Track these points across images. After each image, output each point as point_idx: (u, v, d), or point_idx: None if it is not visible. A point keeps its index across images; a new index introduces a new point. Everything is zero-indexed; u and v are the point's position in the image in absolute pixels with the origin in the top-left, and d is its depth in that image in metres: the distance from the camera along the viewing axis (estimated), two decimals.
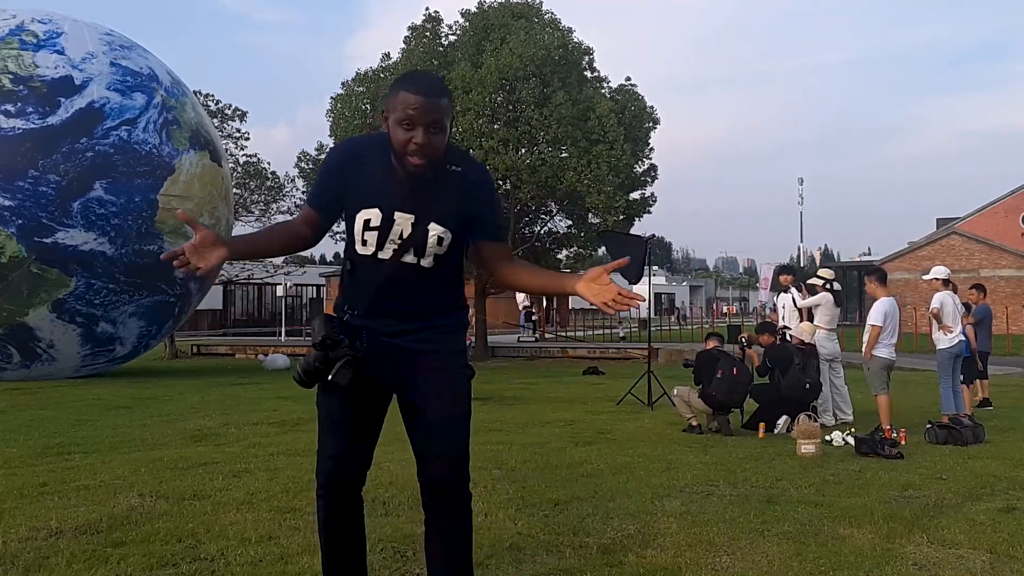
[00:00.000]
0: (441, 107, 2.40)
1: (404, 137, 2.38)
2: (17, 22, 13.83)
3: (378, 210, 2.52)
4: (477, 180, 2.62)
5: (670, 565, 3.86)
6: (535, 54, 19.12)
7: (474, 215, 2.61)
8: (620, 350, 21.73)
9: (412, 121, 2.36)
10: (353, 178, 2.53)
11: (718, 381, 8.13)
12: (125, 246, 13.40)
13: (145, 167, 13.65)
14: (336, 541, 2.76)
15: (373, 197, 2.52)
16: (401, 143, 2.39)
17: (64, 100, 13.16)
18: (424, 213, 2.53)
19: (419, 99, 2.36)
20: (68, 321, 13.46)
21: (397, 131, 2.39)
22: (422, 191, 2.49)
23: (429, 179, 2.48)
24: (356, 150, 2.61)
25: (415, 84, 2.40)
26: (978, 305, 11.02)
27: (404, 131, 2.38)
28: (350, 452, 2.71)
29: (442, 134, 2.42)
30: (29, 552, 3.96)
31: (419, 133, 2.37)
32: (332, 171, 2.59)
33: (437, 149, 2.43)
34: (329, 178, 2.59)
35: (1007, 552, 4.14)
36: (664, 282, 79.92)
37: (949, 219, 43.08)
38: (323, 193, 2.63)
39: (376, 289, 2.60)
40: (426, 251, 2.58)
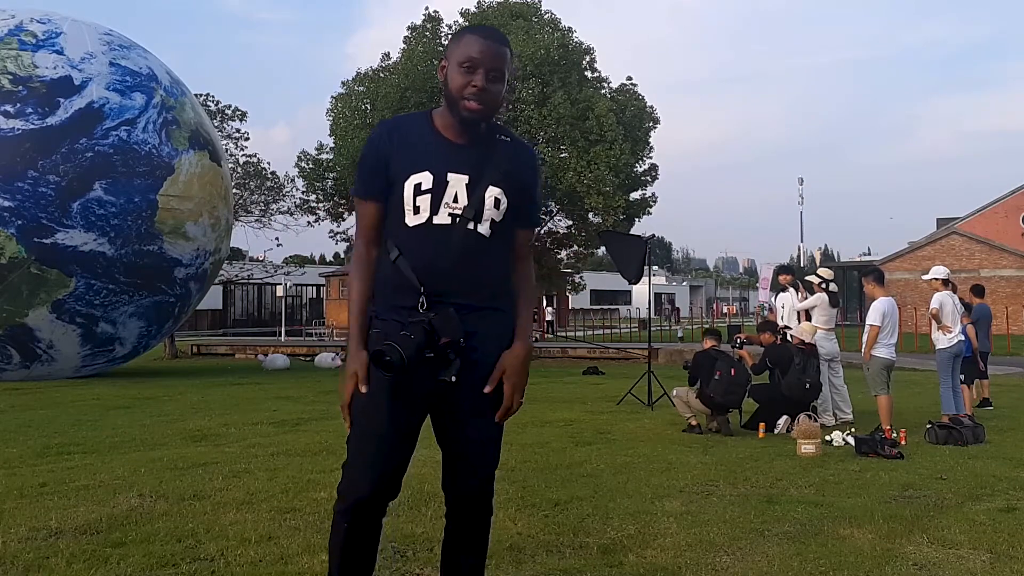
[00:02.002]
0: (504, 55, 2.37)
1: (463, 80, 2.31)
2: (16, 22, 13.83)
3: (428, 172, 2.36)
4: (527, 153, 2.53)
5: (670, 565, 3.86)
6: (534, 54, 19.15)
7: (522, 189, 2.47)
8: (620, 350, 21.72)
9: (473, 64, 2.31)
10: (397, 147, 2.40)
11: (715, 382, 8.11)
12: (125, 246, 13.40)
13: (145, 167, 13.65)
14: (351, 566, 2.47)
15: (421, 161, 2.38)
16: (459, 87, 2.32)
17: (63, 100, 13.16)
18: (479, 173, 2.38)
19: (483, 43, 2.33)
20: (68, 321, 13.46)
21: (456, 75, 2.32)
22: (474, 152, 2.39)
23: (480, 142, 2.40)
24: (395, 122, 2.49)
25: (480, 31, 2.40)
26: (976, 305, 11.02)
27: (464, 74, 2.31)
28: (389, 472, 2.44)
29: (500, 84, 2.36)
30: (29, 552, 3.96)
31: (479, 76, 2.31)
32: (376, 149, 2.43)
33: (495, 97, 2.35)
34: (377, 160, 2.42)
35: (1007, 552, 4.13)
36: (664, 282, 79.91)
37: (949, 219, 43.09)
38: (375, 178, 2.42)
39: (435, 263, 2.35)
40: (484, 215, 2.38)
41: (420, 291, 2.34)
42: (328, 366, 18.60)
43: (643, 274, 11.94)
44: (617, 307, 54.64)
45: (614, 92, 21.91)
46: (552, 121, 19.08)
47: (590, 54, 21.51)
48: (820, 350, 8.90)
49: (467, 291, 2.38)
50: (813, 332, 8.87)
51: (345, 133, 19.98)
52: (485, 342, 2.38)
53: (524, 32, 19.69)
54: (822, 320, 9.26)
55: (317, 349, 22.90)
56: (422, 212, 2.36)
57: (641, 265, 11.83)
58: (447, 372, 2.29)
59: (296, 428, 8.41)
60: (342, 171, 20.76)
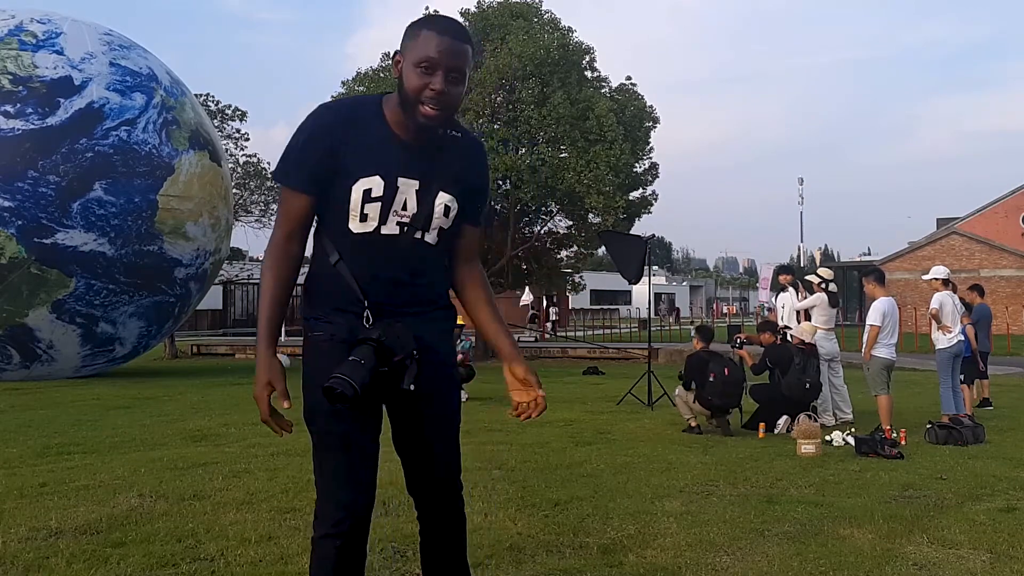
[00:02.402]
0: (465, 54, 2.15)
1: (420, 82, 2.10)
2: (16, 22, 13.83)
3: (379, 177, 2.18)
4: (476, 150, 2.38)
5: (670, 565, 3.86)
6: (534, 54, 19.13)
7: (471, 189, 2.35)
8: (620, 350, 21.73)
9: (432, 65, 2.09)
10: (348, 145, 2.18)
11: (711, 385, 8.09)
12: (125, 247, 13.40)
13: (145, 167, 13.65)
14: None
15: (373, 163, 2.18)
16: (415, 88, 2.11)
17: (64, 100, 13.16)
18: (429, 179, 2.23)
19: (443, 40, 2.11)
20: (68, 322, 13.46)
21: (412, 75, 2.11)
22: (425, 154, 2.22)
23: (431, 141, 2.22)
24: (344, 111, 2.23)
25: (439, 25, 2.15)
26: (976, 305, 11.02)
27: (421, 75, 2.10)
28: (371, 482, 2.32)
29: (461, 85, 2.16)
30: (29, 552, 3.96)
31: (438, 79, 2.10)
32: (322, 139, 2.18)
33: (454, 100, 2.16)
34: (322, 151, 2.17)
35: (1007, 552, 4.13)
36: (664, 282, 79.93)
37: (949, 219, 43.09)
38: (316, 170, 2.18)
39: (379, 274, 2.25)
40: (432, 223, 2.27)
41: (364, 303, 2.24)
42: None
43: (643, 274, 11.95)
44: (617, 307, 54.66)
45: (614, 92, 21.90)
46: (552, 121, 19.07)
47: (590, 54, 21.50)
48: (820, 350, 8.90)
49: (410, 300, 2.31)
50: (813, 332, 8.88)
51: None
52: (432, 345, 2.31)
53: (524, 32, 19.67)
54: (822, 320, 9.26)
55: None
56: (370, 221, 2.22)
57: (641, 265, 11.83)
58: (406, 381, 2.20)
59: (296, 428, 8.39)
60: None
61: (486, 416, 9.45)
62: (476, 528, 4.43)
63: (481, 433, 8.08)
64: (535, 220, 22.47)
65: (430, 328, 2.33)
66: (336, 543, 2.24)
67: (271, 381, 2.18)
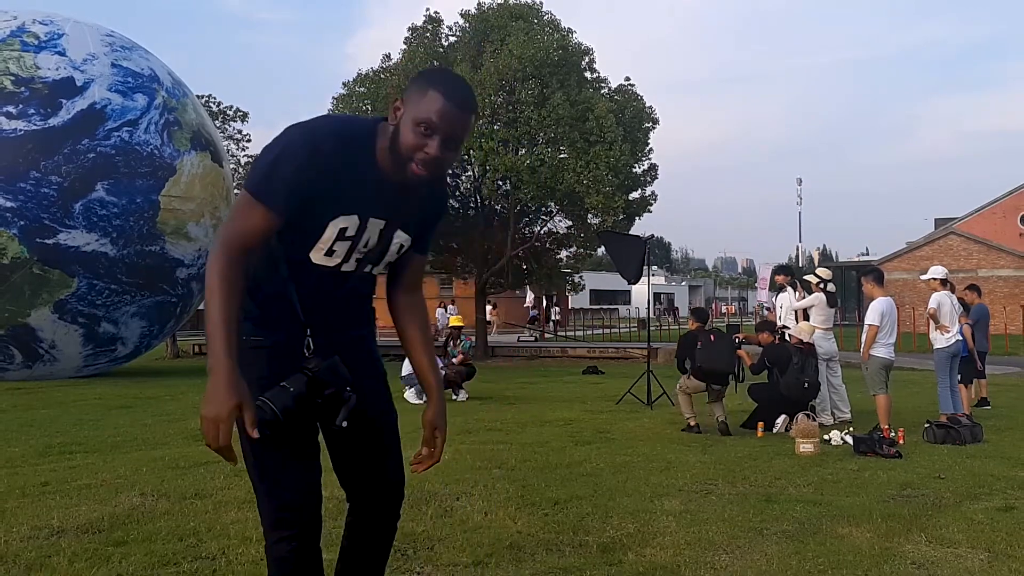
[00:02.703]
0: (468, 125, 2.13)
1: (416, 142, 2.07)
2: (18, 23, 13.85)
3: (356, 216, 2.17)
4: (440, 187, 2.39)
5: (669, 564, 3.89)
6: (534, 55, 19.15)
7: (428, 225, 2.38)
8: (620, 350, 21.76)
9: (431, 129, 2.06)
10: (336, 181, 2.12)
11: (699, 351, 8.22)
12: (127, 247, 13.43)
13: (146, 168, 13.68)
14: None
15: (355, 203, 2.15)
16: (410, 147, 2.08)
17: (66, 101, 13.19)
18: (393, 218, 2.23)
19: (449, 107, 2.06)
20: (70, 322, 13.49)
21: (410, 131, 2.07)
22: (398, 193, 2.20)
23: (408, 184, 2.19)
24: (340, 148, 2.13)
25: (450, 89, 2.09)
26: (974, 305, 11.04)
27: (419, 135, 2.06)
28: (317, 482, 2.29)
29: (456, 152, 2.14)
30: (31, 551, 3.99)
31: (435, 144, 2.07)
32: (309, 168, 2.09)
33: (446, 165, 2.16)
34: (302, 180, 2.08)
35: (1005, 551, 4.16)
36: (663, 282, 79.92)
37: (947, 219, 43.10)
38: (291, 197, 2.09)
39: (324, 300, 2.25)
40: (384, 259, 2.31)
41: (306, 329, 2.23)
42: None
43: (642, 274, 11.97)
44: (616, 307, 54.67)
45: (613, 93, 21.94)
46: (552, 122, 19.10)
47: (589, 55, 21.54)
48: (818, 350, 8.92)
49: (344, 324, 2.33)
50: (811, 331, 8.90)
51: None
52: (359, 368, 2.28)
53: (524, 33, 19.70)
54: (820, 320, 9.28)
55: None
56: (335, 257, 2.21)
57: (640, 265, 11.86)
58: (339, 418, 2.16)
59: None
60: None
61: (486, 415, 9.48)
62: (476, 527, 4.45)
63: (481, 432, 8.10)
64: (535, 220, 22.50)
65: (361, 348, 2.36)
66: (292, 545, 2.20)
67: (241, 404, 1.97)
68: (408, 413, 10.98)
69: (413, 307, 2.46)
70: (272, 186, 2.09)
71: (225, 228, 2.13)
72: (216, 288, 2.04)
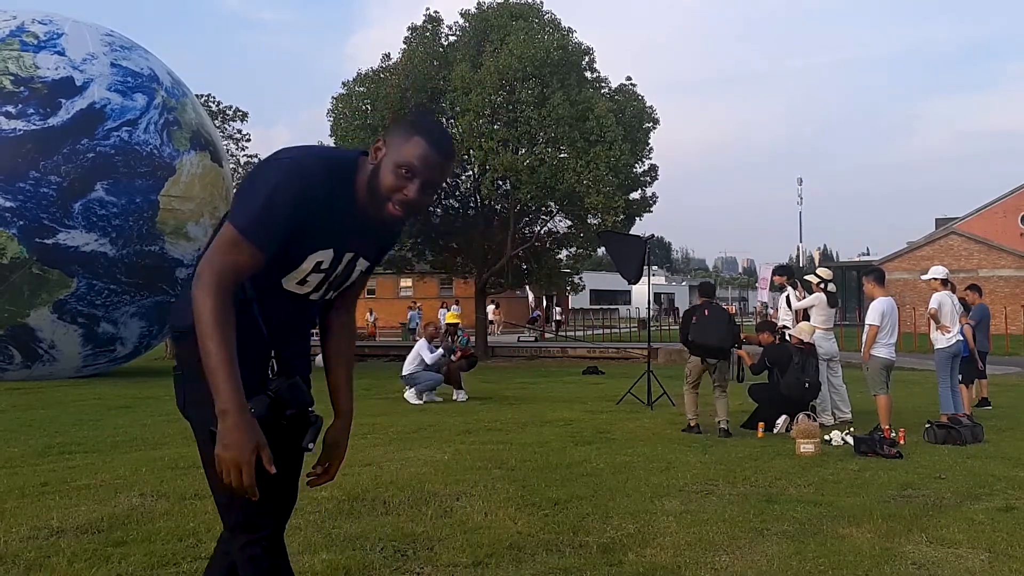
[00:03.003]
0: (447, 172, 2.21)
1: (396, 184, 2.12)
2: (18, 23, 13.85)
3: (332, 250, 2.22)
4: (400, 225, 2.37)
5: (669, 564, 3.88)
6: (534, 55, 19.14)
7: (383, 250, 2.42)
8: (620, 350, 21.75)
9: (412, 172, 2.12)
10: (320, 218, 2.16)
11: (693, 326, 8.30)
12: (126, 247, 13.42)
13: (146, 168, 13.67)
14: None
15: (334, 239, 2.21)
16: (390, 188, 2.13)
17: (65, 101, 13.18)
18: (359, 249, 2.29)
19: (434, 156, 2.13)
20: (69, 322, 13.48)
21: (390, 173, 2.12)
22: (367, 228, 2.25)
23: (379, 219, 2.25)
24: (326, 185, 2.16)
25: (432, 136, 2.16)
26: (975, 305, 11.03)
27: (399, 178, 2.12)
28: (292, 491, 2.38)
29: (432, 196, 2.23)
30: (31, 551, 3.98)
31: (414, 187, 2.12)
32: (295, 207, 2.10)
33: (422, 207, 2.25)
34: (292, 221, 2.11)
35: (1006, 551, 4.15)
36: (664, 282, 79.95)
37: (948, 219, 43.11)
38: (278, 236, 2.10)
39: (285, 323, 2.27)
40: (344, 286, 2.35)
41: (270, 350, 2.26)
42: None
43: (643, 274, 11.97)
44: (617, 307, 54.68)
45: (614, 92, 21.95)
46: (552, 122, 19.09)
47: (590, 55, 21.54)
48: (819, 350, 8.91)
49: (300, 348, 2.38)
50: (812, 331, 8.89)
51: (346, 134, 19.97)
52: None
53: (524, 33, 19.69)
54: (820, 320, 9.27)
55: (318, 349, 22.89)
56: (306, 287, 2.25)
57: (640, 265, 11.85)
58: (306, 440, 2.22)
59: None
60: None
61: (486, 415, 9.47)
62: (476, 527, 4.45)
63: (481, 432, 8.10)
64: (535, 220, 22.50)
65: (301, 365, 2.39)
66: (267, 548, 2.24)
67: (259, 445, 2.02)
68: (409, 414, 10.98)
69: (349, 326, 2.51)
70: (265, 227, 2.09)
71: (213, 264, 2.09)
72: (213, 328, 2.03)
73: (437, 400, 11.12)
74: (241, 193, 2.17)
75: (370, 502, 5.01)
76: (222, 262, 2.09)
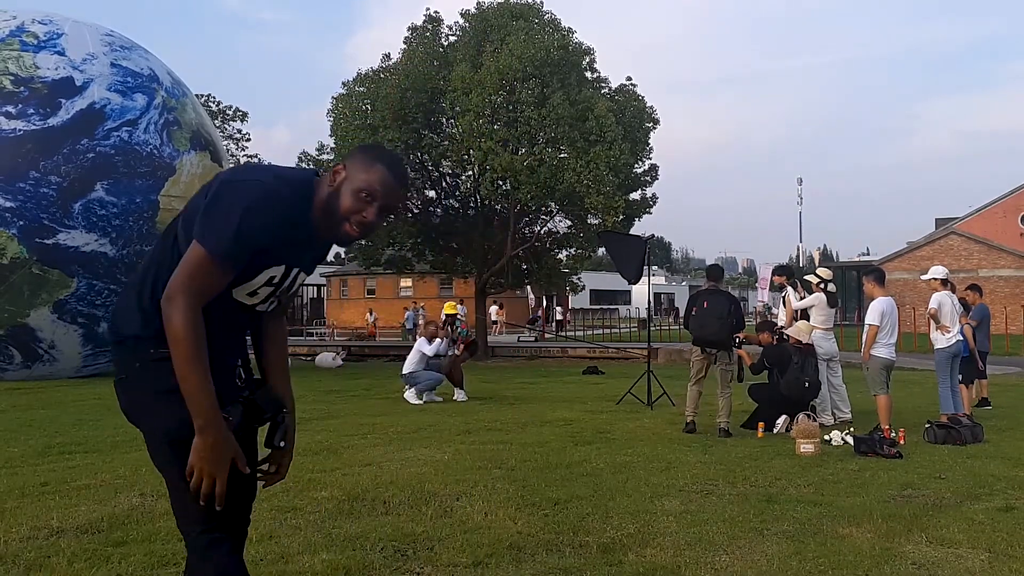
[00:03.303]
0: (401, 197, 2.44)
1: (356, 207, 2.24)
2: (18, 23, 13.85)
3: (284, 266, 2.31)
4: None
5: (669, 564, 3.88)
6: (534, 55, 19.14)
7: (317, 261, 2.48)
8: (620, 350, 21.75)
9: (372, 197, 2.24)
10: (281, 240, 2.25)
11: (692, 319, 8.38)
12: (126, 247, 13.42)
13: (146, 168, 13.67)
14: None
15: (285, 254, 2.29)
16: (348, 210, 2.24)
17: (65, 101, 13.19)
18: (302, 263, 2.38)
19: (390, 180, 2.27)
20: (69, 322, 13.48)
21: (350, 198, 2.24)
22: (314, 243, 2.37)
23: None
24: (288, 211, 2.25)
25: (392, 165, 2.31)
26: (975, 305, 11.03)
27: (359, 202, 2.24)
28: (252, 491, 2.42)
29: (385, 220, 2.40)
30: (31, 551, 3.98)
31: (372, 211, 2.25)
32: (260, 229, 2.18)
33: (375, 229, 2.37)
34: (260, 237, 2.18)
35: (1006, 551, 4.15)
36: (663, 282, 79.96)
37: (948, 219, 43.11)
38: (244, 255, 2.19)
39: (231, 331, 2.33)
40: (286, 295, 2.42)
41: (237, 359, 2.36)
42: (329, 366, 18.68)
43: (643, 274, 11.97)
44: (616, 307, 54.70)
45: (614, 92, 21.96)
46: (551, 122, 19.09)
47: (590, 55, 21.55)
48: (818, 350, 8.91)
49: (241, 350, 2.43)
50: (809, 331, 8.88)
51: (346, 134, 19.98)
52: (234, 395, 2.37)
53: (524, 33, 19.69)
54: (820, 320, 9.27)
55: (318, 349, 22.93)
56: (256, 298, 2.32)
57: (640, 265, 11.85)
58: (277, 439, 2.35)
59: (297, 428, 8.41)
60: None
61: (486, 415, 9.47)
62: (476, 527, 4.45)
63: (481, 432, 8.10)
64: (535, 220, 22.50)
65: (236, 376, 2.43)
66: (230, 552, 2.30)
67: (236, 457, 2.16)
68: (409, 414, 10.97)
69: (283, 329, 2.57)
70: (237, 251, 2.16)
71: (186, 288, 2.13)
72: (191, 351, 2.10)
73: (437, 400, 11.12)
74: (209, 213, 2.19)
75: (370, 502, 5.01)
76: (195, 286, 2.15)
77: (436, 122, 21.33)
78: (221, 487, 2.15)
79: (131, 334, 2.25)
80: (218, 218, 2.16)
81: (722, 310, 8.28)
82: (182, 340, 2.10)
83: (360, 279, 44.67)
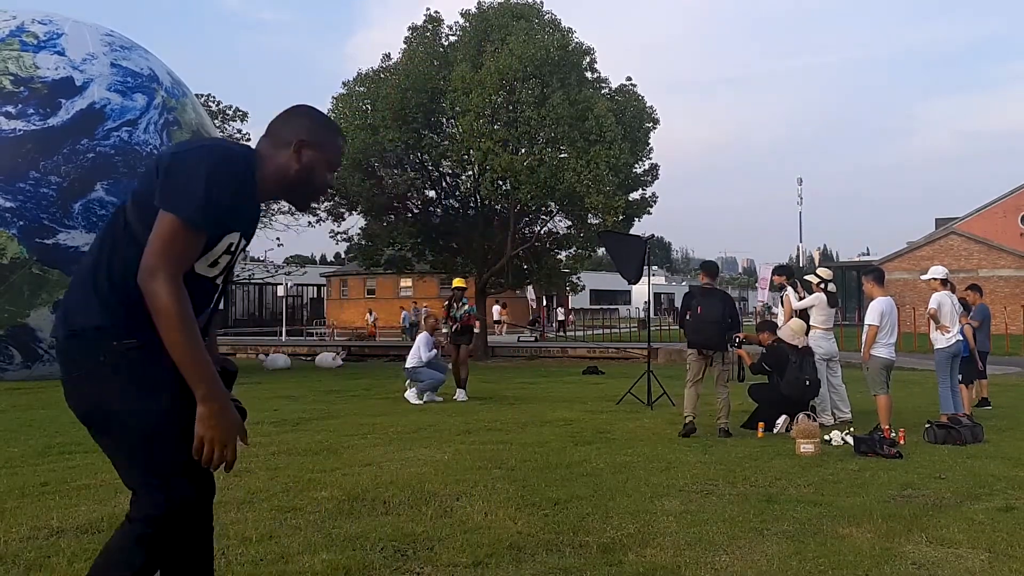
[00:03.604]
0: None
1: (326, 180, 2.46)
2: (17, 23, 13.85)
3: (238, 234, 2.30)
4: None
5: (669, 564, 3.88)
6: (534, 55, 19.14)
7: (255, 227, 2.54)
8: (620, 350, 21.75)
9: (334, 168, 2.47)
10: (241, 202, 2.26)
11: (687, 323, 8.40)
12: None
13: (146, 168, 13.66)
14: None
15: (244, 222, 2.31)
16: (322, 184, 2.46)
17: (65, 101, 13.18)
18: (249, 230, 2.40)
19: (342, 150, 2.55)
20: None
21: (323, 171, 2.42)
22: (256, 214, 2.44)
23: None
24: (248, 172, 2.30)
25: (341, 136, 2.55)
26: (976, 305, 11.03)
27: (328, 174, 2.45)
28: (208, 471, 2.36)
29: None
30: (31, 551, 3.98)
31: (332, 178, 2.52)
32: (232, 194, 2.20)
33: None
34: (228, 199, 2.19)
35: (1006, 551, 4.15)
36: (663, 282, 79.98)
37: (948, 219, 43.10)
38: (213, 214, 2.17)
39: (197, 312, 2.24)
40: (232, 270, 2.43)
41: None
42: (329, 366, 18.67)
43: (643, 274, 11.97)
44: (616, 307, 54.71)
45: (613, 92, 21.97)
46: (551, 122, 19.10)
47: (590, 55, 21.55)
48: (818, 350, 8.91)
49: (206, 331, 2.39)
50: (803, 330, 8.87)
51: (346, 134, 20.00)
52: None
53: (524, 33, 19.69)
54: (820, 320, 9.27)
55: (318, 349, 22.93)
56: (214, 269, 2.29)
57: (640, 265, 11.85)
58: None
59: (297, 428, 8.43)
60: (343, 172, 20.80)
61: (486, 415, 9.47)
62: (476, 527, 4.45)
63: (481, 432, 8.09)
64: (535, 220, 22.49)
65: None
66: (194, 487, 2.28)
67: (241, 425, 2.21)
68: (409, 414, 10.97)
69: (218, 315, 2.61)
70: (209, 212, 2.15)
71: (165, 258, 2.09)
72: (180, 321, 2.08)
73: (437, 400, 11.12)
74: (171, 183, 2.17)
75: (370, 502, 5.01)
76: (174, 255, 2.11)
77: (436, 122, 21.33)
78: (232, 453, 2.15)
79: (90, 325, 2.17)
80: (182, 185, 2.14)
81: (717, 314, 8.24)
82: (172, 312, 2.07)
83: (360, 279, 44.68)
